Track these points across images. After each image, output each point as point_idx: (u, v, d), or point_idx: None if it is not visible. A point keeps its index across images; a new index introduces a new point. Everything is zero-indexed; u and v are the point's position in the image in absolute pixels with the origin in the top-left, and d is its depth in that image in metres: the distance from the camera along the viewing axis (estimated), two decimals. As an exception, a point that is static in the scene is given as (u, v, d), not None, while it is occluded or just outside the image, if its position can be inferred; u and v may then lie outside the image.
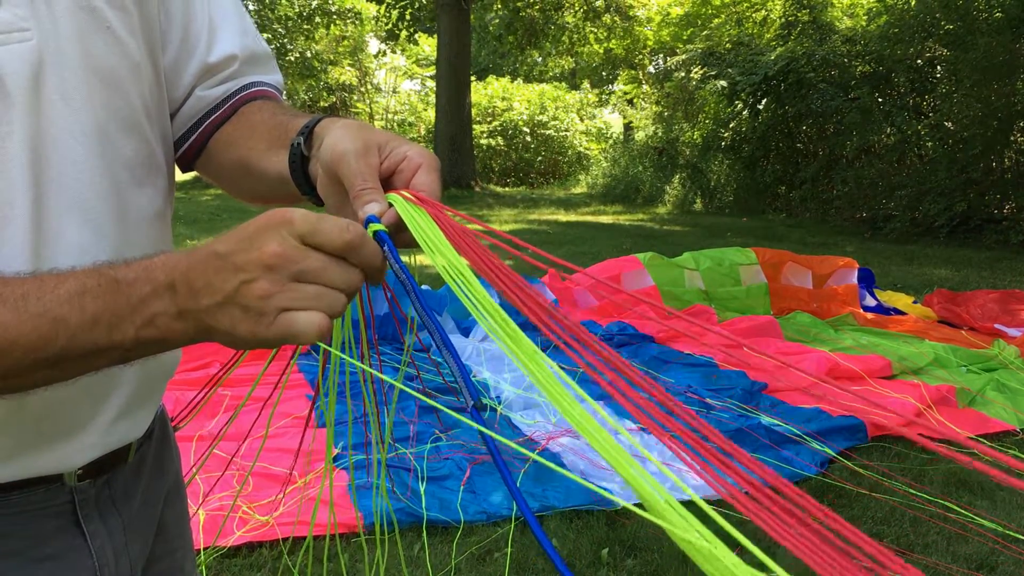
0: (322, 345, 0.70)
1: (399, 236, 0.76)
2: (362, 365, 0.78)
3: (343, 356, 0.74)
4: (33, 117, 0.78)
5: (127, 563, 0.93)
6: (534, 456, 0.57)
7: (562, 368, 0.66)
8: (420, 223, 0.74)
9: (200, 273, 0.68)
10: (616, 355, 0.64)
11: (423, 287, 5.80)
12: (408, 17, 19.20)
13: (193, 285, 0.68)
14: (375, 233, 0.74)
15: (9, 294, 0.67)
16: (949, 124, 11.54)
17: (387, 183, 0.80)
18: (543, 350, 0.65)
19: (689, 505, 0.55)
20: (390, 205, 0.77)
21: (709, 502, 0.53)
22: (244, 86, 1.00)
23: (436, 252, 0.72)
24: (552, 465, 0.58)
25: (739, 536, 0.49)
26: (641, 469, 0.57)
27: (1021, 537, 2.94)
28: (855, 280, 6.09)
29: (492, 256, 0.71)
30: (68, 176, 0.80)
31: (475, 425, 0.63)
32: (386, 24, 19.73)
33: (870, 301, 6.15)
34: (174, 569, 1.05)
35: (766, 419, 3.81)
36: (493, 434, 0.65)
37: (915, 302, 6.29)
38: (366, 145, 0.78)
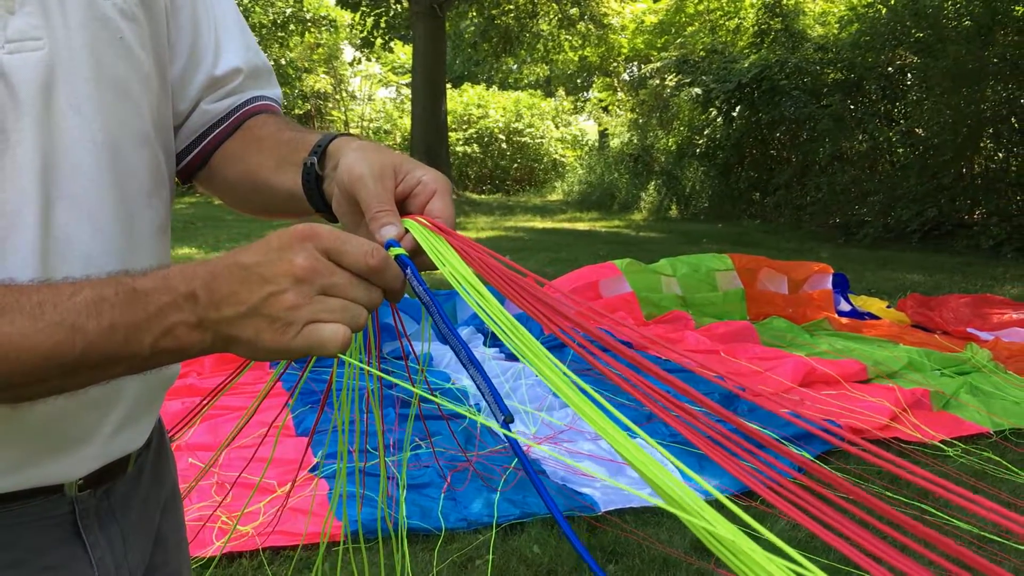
0: (345, 358, 0.71)
1: (415, 260, 0.77)
2: (374, 371, 0.78)
3: (364, 367, 0.76)
4: (44, 126, 0.78)
5: (126, 573, 0.92)
6: (563, 459, 0.57)
7: (579, 372, 0.67)
8: (439, 249, 0.75)
9: (224, 282, 0.69)
10: (644, 361, 0.65)
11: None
12: (383, 25, 19.19)
13: (216, 294, 0.68)
14: (397, 257, 0.75)
15: (26, 301, 0.67)
16: (920, 131, 11.71)
17: (401, 206, 0.81)
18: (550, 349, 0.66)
19: (714, 504, 0.56)
20: (406, 230, 0.79)
21: (729, 499, 0.54)
22: (248, 100, 1.01)
23: (459, 279, 0.73)
24: (583, 468, 0.58)
25: (768, 534, 0.50)
26: (662, 468, 0.58)
27: (996, 539, 2.97)
28: (830, 285, 6.15)
29: (514, 277, 0.73)
30: (78, 186, 0.80)
31: (506, 433, 0.65)
32: (361, 32, 19.71)
33: (845, 306, 6.21)
34: None
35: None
36: (518, 437, 0.66)
37: (889, 307, 6.37)
38: (383, 168, 0.80)
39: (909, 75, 12.42)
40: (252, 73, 1.02)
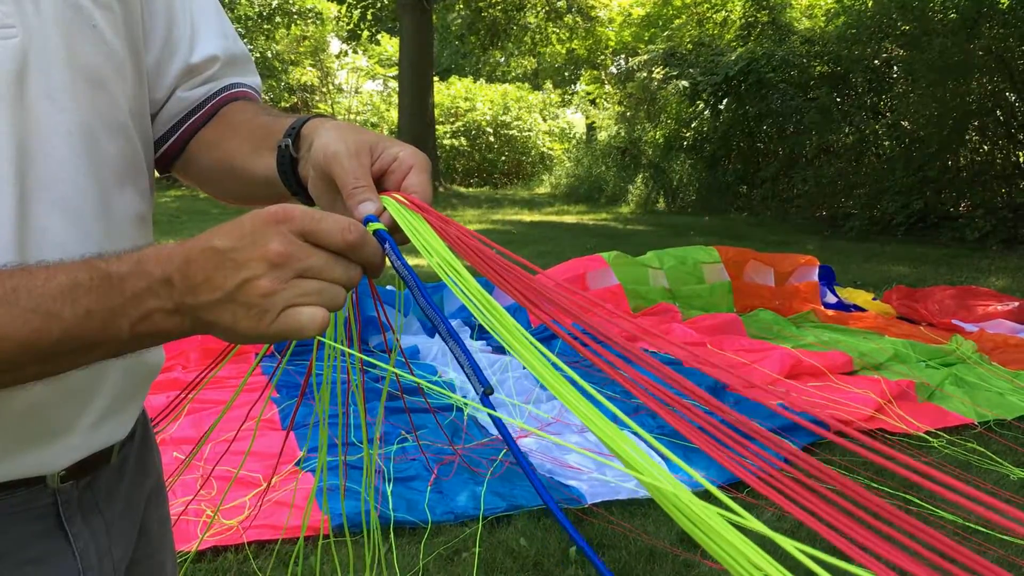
0: (327, 341, 0.71)
1: (394, 237, 0.77)
2: (356, 353, 0.77)
3: (345, 348, 0.75)
4: (18, 115, 0.77)
5: (110, 565, 0.92)
6: (547, 437, 0.57)
7: (560, 356, 0.66)
8: (415, 225, 0.75)
9: (199, 268, 0.68)
10: (635, 349, 0.65)
11: (387, 287, 5.78)
12: (370, 17, 19.11)
13: (191, 280, 0.67)
14: (375, 232, 0.75)
15: None
16: (906, 124, 11.75)
17: (378, 183, 0.81)
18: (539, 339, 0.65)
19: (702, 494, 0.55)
20: (384, 207, 0.78)
21: (719, 487, 0.54)
22: (225, 87, 1.00)
23: (433, 254, 0.72)
24: (589, 452, 0.58)
25: (766, 529, 0.50)
26: (644, 455, 0.57)
27: (981, 529, 2.99)
28: (816, 277, 6.17)
29: (489, 254, 0.72)
30: (53, 175, 0.79)
31: (486, 410, 0.63)
32: (347, 24, 19.63)
33: (831, 298, 6.23)
34: (155, 570, 1.04)
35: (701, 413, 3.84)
36: (504, 417, 0.65)
37: (875, 299, 6.39)
38: (358, 145, 0.79)
39: (895, 68, 12.46)
40: (229, 60, 1.01)
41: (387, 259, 0.74)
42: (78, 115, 0.81)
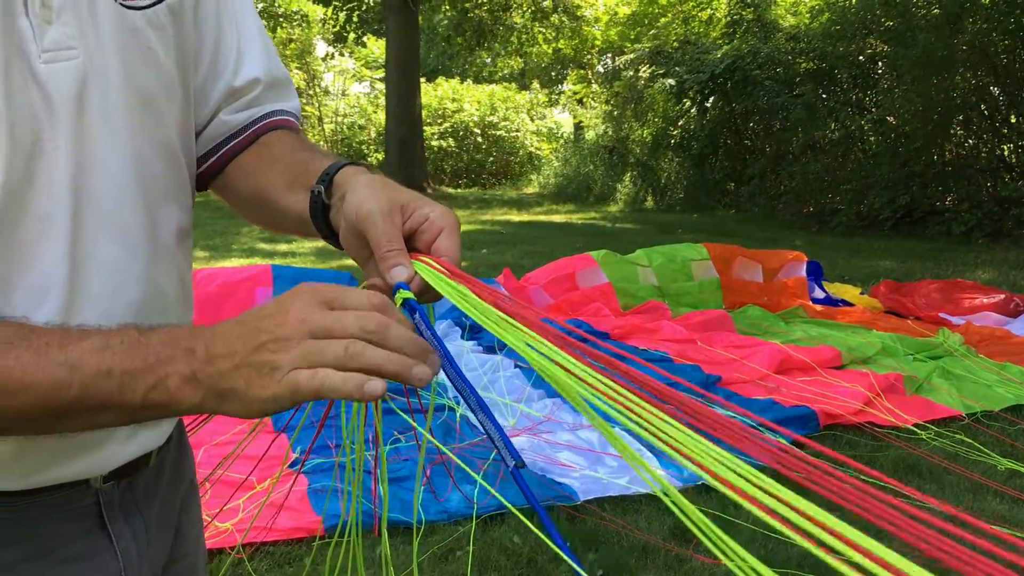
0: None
1: (422, 297, 0.78)
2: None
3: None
4: (77, 134, 0.79)
5: (148, 565, 0.94)
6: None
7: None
8: (451, 290, 0.75)
9: (222, 338, 0.69)
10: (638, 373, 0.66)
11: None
12: (356, 19, 19.09)
13: (212, 350, 0.69)
14: (405, 301, 0.75)
15: (36, 340, 0.69)
16: (891, 119, 11.81)
17: (408, 241, 0.82)
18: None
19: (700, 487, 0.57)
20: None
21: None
22: (267, 114, 1.01)
23: (478, 313, 0.73)
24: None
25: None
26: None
27: (971, 520, 3.02)
28: (804, 273, 6.21)
29: (522, 309, 0.72)
30: (105, 193, 0.82)
31: (514, 467, 0.66)
32: (334, 26, 19.60)
33: (819, 293, 6.27)
34: (188, 571, 1.06)
35: (721, 411, 3.87)
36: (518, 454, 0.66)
37: (862, 293, 6.43)
38: (391, 205, 0.80)
39: (880, 64, 12.53)
40: (271, 83, 1.02)
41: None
42: (131, 135, 0.84)
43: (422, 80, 19.01)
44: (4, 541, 0.82)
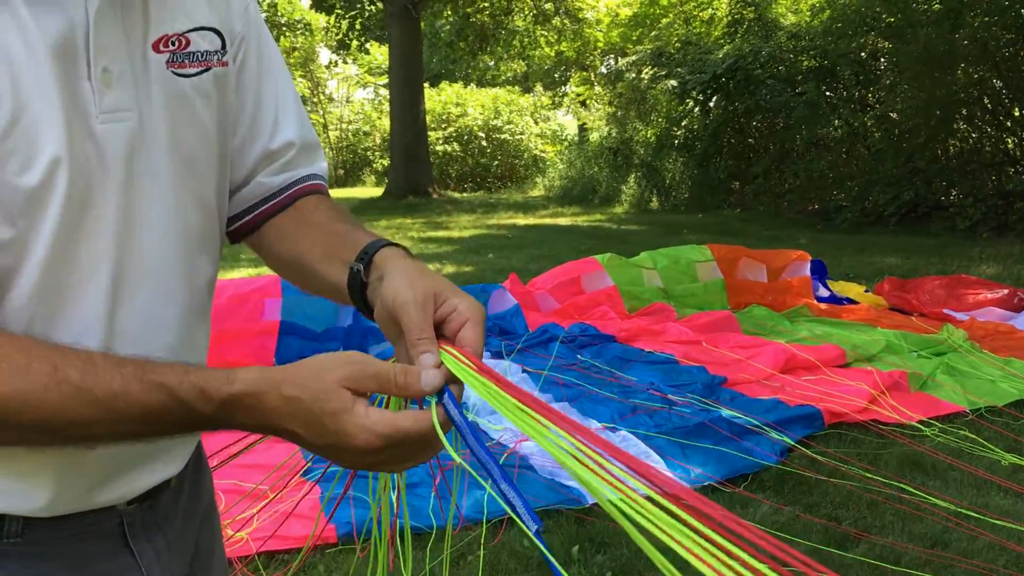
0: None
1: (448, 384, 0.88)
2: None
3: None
4: (125, 190, 0.87)
5: None
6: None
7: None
8: (472, 379, 0.83)
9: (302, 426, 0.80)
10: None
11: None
12: (358, 27, 19.19)
13: (287, 426, 0.81)
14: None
15: (75, 358, 0.77)
16: (894, 115, 11.82)
17: (436, 328, 0.89)
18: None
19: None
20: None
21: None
22: (302, 178, 1.08)
23: (496, 401, 0.80)
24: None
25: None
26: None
27: (973, 515, 3.05)
28: (808, 272, 6.24)
29: (537, 400, 0.80)
30: (148, 243, 0.90)
31: (539, 547, 0.73)
32: (336, 34, 19.70)
33: (823, 292, 6.30)
34: None
35: (726, 412, 3.91)
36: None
37: (867, 291, 6.46)
38: (425, 294, 0.87)
39: (882, 60, 12.54)
40: (304, 147, 1.09)
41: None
42: (174, 191, 0.92)
43: (425, 85, 19.08)
44: (46, 556, 0.89)
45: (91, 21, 0.82)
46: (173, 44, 0.91)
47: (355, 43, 19.60)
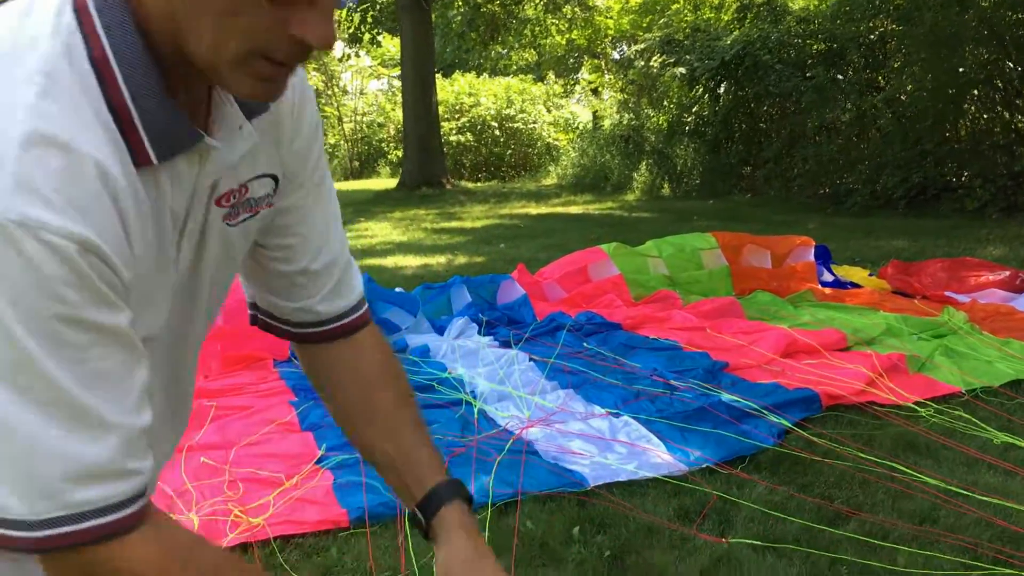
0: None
1: None
2: None
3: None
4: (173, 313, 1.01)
5: None
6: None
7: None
8: None
9: None
10: None
11: (397, 289, 6.00)
12: (370, 20, 19.30)
13: None
14: None
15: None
16: (903, 97, 11.84)
17: None
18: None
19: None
20: None
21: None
22: (353, 307, 1.21)
23: None
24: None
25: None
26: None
27: (962, 492, 3.16)
28: (812, 257, 6.33)
29: None
30: (191, 338, 1.12)
31: None
32: (348, 28, 19.82)
33: (828, 276, 6.39)
34: None
35: (726, 396, 4.02)
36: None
37: (871, 275, 6.54)
38: None
39: (890, 43, 12.54)
40: (345, 266, 1.19)
41: None
42: (206, 304, 1.08)
43: (438, 75, 19.18)
44: None
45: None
46: (234, 197, 0.98)
47: (367, 36, 19.72)
